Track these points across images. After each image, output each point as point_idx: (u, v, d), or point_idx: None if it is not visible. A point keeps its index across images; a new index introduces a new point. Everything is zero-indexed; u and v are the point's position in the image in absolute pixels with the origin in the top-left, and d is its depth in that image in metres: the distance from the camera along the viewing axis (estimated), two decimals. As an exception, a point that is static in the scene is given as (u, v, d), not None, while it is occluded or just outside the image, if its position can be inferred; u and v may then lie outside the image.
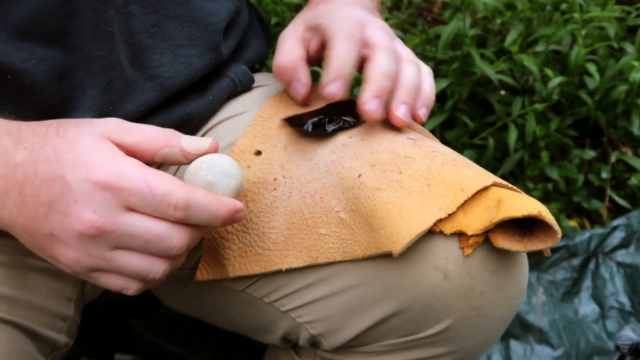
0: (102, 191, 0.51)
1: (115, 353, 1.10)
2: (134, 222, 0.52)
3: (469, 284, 0.59)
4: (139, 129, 0.57)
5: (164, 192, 0.52)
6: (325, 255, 0.61)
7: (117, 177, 0.52)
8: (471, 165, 0.62)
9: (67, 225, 0.52)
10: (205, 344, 1.20)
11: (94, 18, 0.63)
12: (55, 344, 0.69)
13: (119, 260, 0.53)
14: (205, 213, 0.54)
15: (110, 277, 0.55)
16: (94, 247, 0.52)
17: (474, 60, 1.31)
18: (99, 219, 0.51)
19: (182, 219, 0.53)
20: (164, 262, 0.55)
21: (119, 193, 0.52)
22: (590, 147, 1.50)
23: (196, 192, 0.53)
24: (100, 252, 0.53)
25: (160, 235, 0.53)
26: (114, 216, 0.52)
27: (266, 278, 0.66)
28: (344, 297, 0.63)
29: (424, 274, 0.59)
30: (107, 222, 0.51)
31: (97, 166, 0.52)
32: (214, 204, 0.54)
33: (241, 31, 0.79)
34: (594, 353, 1.20)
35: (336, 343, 0.66)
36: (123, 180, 0.52)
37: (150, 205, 0.52)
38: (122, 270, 0.54)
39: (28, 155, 0.53)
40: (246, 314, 0.71)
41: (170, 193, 0.52)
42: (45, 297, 0.67)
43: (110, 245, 0.53)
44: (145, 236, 0.52)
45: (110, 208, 0.51)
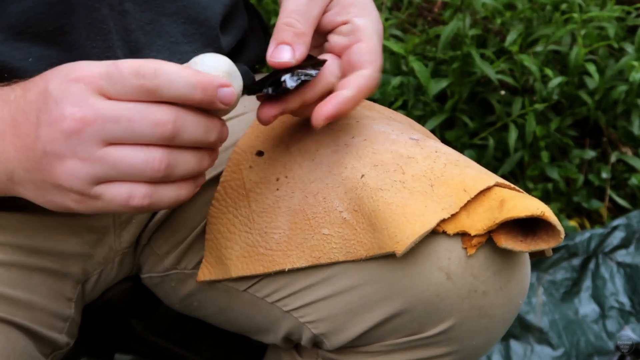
0: (76, 84, 0.51)
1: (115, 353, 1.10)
2: (112, 105, 0.51)
3: (472, 284, 0.59)
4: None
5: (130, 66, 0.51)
6: (328, 256, 0.61)
7: (88, 69, 0.51)
8: (473, 165, 0.62)
9: (54, 131, 0.51)
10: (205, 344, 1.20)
11: (88, 16, 0.63)
12: (55, 344, 0.69)
13: (112, 156, 0.51)
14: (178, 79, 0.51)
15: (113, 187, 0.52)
16: (83, 147, 0.51)
17: (474, 60, 1.31)
18: (79, 110, 0.50)
19: (152, 88, 0.50)
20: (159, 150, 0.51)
21: (91, 80, 0.51)
22: (590, 147, 1.50)
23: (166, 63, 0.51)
24: (92, 152, 0.51)
25: (142, 111, 0.50)
26: (92, 104, 0.50)
27: (268, 278, 0.66)
28: (347, 297, 0.62)
29: (427, 274, 0.59)
30: (87, 112, 0.50)
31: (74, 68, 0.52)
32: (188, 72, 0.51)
33: (241, 31, 0.78)
34: (594, 353, 1.20)
35: (339, 343, 0.66)
36: (93, 69, 0.51)
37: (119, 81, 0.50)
38: (120, 169, 0.51)
39: (20, 89, 0.54)
40: (248, 314, 0.70)
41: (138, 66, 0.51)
42: (46, 297, 0.67)
43: (99, 139, 0.51)
44: (126, 115, 0.50)
45: (87, 97, 0.50)
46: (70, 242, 0.70)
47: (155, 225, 0.74)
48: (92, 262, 0.72)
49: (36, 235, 0.67)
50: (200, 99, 0.52)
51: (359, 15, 0.63)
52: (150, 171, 0.52)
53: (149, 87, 0.50)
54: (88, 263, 0.72)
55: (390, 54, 1.40)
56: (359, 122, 0.67)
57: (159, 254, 0.75)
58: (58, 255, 0.69)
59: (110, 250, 0.73)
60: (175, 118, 0.51)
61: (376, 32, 0.63)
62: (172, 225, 0.74)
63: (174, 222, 0.74)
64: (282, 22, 0.61)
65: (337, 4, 0.64)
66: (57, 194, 0.53)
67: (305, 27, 0.61)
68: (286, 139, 0.68)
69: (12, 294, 0.63)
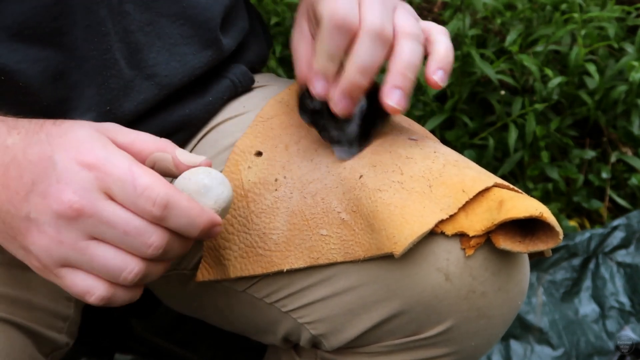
0: (87, 172, 0.51)
1: (115, 353, 1.10)
2: (114, 210, 0.51)
3: (471, 285, 0.59)
4: (135, 132, 0.56)
5: (146, 185, 0.51)
6: (327, 256, 0.61)
7: (104, 161, 0.51)
8: (472, 165, 0.62)
9: (45, 206, 0.51)
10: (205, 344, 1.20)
11: (86, 18, 0.63)
12: (55, 343, 0.69)
13: (93, 251, 0.51)
14: (184, 217, 0.52)
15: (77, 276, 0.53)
16: (69, 232, 0.51)
17: (474, 60, 1.31)
18: (79, 200, 0.50)
19: (160, 217, 0.51)
20: (139, 261, 0.52)
21: (102, 177, 0.51)
22: (590, 147, 1.50)
23: (179, 194, 0.53)
24: (75, 240, 0.51)
25: (139, 228, 0.51)
26: (95, 200, 0.50)
27: (267, 279, 0.66)
28: (345, 297, 0.63)
29: (425, 275, 0.59)
30: (86, 205, 0.50)
31: (87, 149, 0.52)
32: (195, 210, 0.53)
33: (242, 33, 0.78)
34: (594, 353, 1.20)
35: (337, 344, 0.66)
36: (109, 165, 0.51)
37: (130, 195, 0.51)
38: (94, 264, 0.52)
39: (20, 139, 0.53)
40: (247, 314, 0.70)
41: (152, 187, 0.51)
42: (46, 297, 0.67)
43: (87, 232, 0.51)
44: (123, 226, 0.51)
45: (91, 191, 0.50)
46: None
47: None
48: None
49: None
50: (196, 236, 0.54)
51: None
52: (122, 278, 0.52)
53: (156, 215, 0.51)
54: None
55: (390, 54, 1.40)
56: None
57: None
58: None
59: None
60: (167, 243, 0.52)
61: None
62: None
63: None
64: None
65: None
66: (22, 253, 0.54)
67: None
68: (285, 139, 0.68)
69: (12, 294, 0.63)
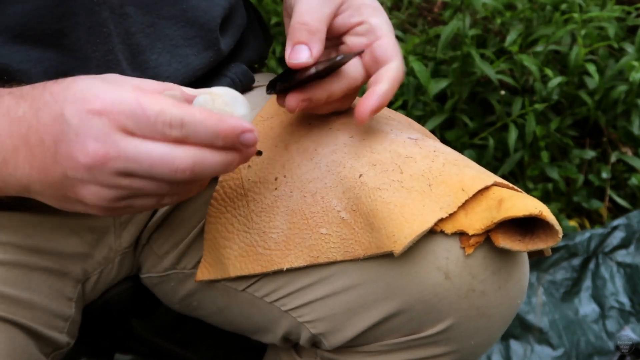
0: (99, 118, 0.51)
1: (115, 353, 1.10)
2: (136, 145, 0.51)
3: (470, 284, 0.59)
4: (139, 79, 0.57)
5: (157, 111, 0.51)
6: (326, 255, 0.61)
7: (112, 102, 0.51)
8: (472, 165, 0.62)
9: (75, 162, 0.51)
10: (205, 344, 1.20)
11: (88, 19, 0.63)
12: (56, 343, 0.69)
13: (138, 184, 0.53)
14: (202, 129, 0.52)
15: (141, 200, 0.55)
16: (107, 177, 0.52)
17: (474, 60, 1.31)
18: (102, 146, 0.51)
19: (181, 137, 0.51)
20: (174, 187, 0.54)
21: (115, 117, 0.51)
22: (590, 147, 1.50)
23: (192, 109, 0.52)
24: (116, 181, 0.52)
25: (163, 156, 0.51)
26: (116, 141, 0.51)
27: (267, 278, 0.66)
28: (345, 296, 0.63)
29: (425, 274, 0.59)
30: (110, 149, 0.51)
31: (93, 96, 0.52)
32: (212, 119, 0.52)
33: (240, 30, 0.78)
34: (594, 353, 1.20)
35: (337, 342, 0.66)
36: (117, 105, 0.51)
37: (145, 125, 0.51)
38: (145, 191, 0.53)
39: (29, 106, 0.54)
40: (247, 313, 0.70)
41: (163, 111, 0.51)
42: (47, 297, 0.67)
43: (120, 172, 0.52)
44: (147, 159, 0.51)
45: (110, 134, 0.51)
46: (70, 242, 0.70)
47: (155, 225, 0.74)
48: (92, 262, 0.73)
49: (37, 234, 0.67)
50: (222, 145, 0.53)
51: (372, 15, 0.65)
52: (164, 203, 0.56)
53: (176, 136, 0.51)
54: (88, 263, 0.72)
55: (390, 54, 1.40)
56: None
57: (158, 254, 0.75)
58: (58, 255, 0.69)
59: (111, 250, 0.74)
60: (194, 164, 0.52)
61: (391, 30, 0.65)
62: (171, 225, 0.74)
63: (173, 221, 0.74)
64: (296, 22, 0.62)
65: (349, 6, 0.65)
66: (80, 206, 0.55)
67: (319, 24, 0.62)
68: (285, 138, 0.68)
69: (13, 294, 0.63)
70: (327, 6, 0.63)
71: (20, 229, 0.66)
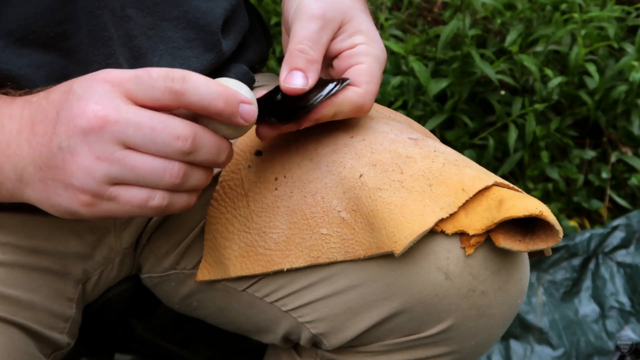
0: (103, 84, 0.51)
1: (115, 353, 1.10)
2: (137, 111, 0.51)
3: (471, 284, 0.59)
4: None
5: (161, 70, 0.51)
6: (327, 255, 0.61)
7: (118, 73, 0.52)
8: (472, 165, 0.62)
9: (72, 127, 0.51)
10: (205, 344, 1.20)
11: (89, 22, 0.63)
12: (56, 344, 0.69)
13: (131, 160, 0.51)
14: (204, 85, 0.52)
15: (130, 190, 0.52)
16: (102, 145, 0.50)
17: (474, 60, 1.31)
18: (102, 108, 0.50)
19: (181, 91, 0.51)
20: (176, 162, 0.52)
21: (119, 83, 0.51)
22: (590, 147, 1.50)
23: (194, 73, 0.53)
24: (111, 152, 0.51)
25: (164, 122, 0.51)
26: (117, 105, 0.51)
27: (267, 278, 0.66)
28: (346, 296, 0.63)
29: (425, 274, 0.59)
30: (110, 111, 0.50)
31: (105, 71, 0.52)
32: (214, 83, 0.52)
33: (241, 33, 0.78)
34: (594, 353, 1.20)
35: (337, 343, 0.66)
36: (122, 73, 0.52)
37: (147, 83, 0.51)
38: (138, 173, 0.52)
39: (45, 91, 0.55)
40: (247, 314, 0.71)
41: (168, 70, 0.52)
42: (48, 298, 0.67)
43: (118, 140, 0.51)
44: (149, 123, 0.51)
45: (112, 98, 0.51)
46: (70, 243, 0.70)
47: (155, 225, 0.75)
48: (92, 263, 0.73)
49: (37, 235, 0.67)
50: (222, 109, 0.53)
51: (363, 42, 0.65)
52: (168, 178, 0.52)
53: (177, 89, 0.51)
54: (88, 263, 0.72)
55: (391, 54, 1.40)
56: (358, 121, 0.67)
57: (158, 254, 0.75)
58: (58, 256, 0.69)
59: (111, 251, 0.74)
60: (194, 134, 0.52)
61: (377, 59, 0.64)
62: (171, 226, 0.74)
63: (173, 222, 0.74)
64: (294, 49, 0.62)
65: (344, 31, 0.65)
66: (65, 195, 0.53)
67: (317, 54, 0.62)
68: (285, 138, 0.68)
69: (14, 294, 0.63)
70: (325, 34, 0.63)
71: (21, 230, 0.66)
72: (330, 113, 0.61)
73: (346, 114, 0.62)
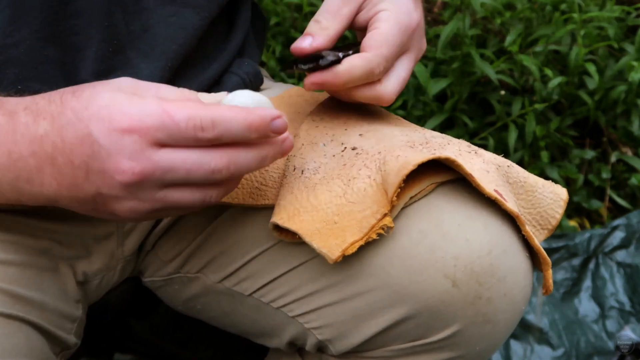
0: (130, 136, 0.51)
1: (115, 353, 1.10)
2: (169, 156, 0.52)
3: (477, 291, 0.59)
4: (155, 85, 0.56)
5: (186, 117, 0.51)
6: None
7: (139, 118, 0.51)
8: None
9: (110, 180, 0.52)
10: (204, 344, 1.20)
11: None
12: (65, 344, 0.68)
13: (172, 197, 0.53)
14: (234, 125, 0.52)
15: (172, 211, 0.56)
16: (142, 192, 0.52)
17: (474, 60, 1.30)
18: (137, 164, 0.51)
19: (215, 138, 0.52)
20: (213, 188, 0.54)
21: (146, 132, 0.51)
22: (590, 147, 1.50)
23: (220, 108, 0.53)
24: (153, 195, 0.53)
25: (197, 162, 0.52)
26: (150, 156, 0.51)
27: (274, 283, 0.66)
28: (353, 303, 0.63)
29: (433, 281, 0.59)
30: (146, 165, 0.51)
31: (119, 114, 0.51)
32: (242, 114, 0.53)
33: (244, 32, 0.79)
34: (594, 353, 1.20)
35: (343, 348, 0.66)
36: (145, 119, 0.51)
37: (177, 133, 0.51)
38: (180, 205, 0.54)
39: (49, 124, 0.53)
40: (253, 318, 0.70)
41: (192, 116, 0.51)
42: (57, 299, 0.67)
43: (157, 185, 0.52)
44: (183, 166, 0.52)
45: (143, 150, 0.51)
46: (74, 249, 0.70)
47: (161, 231, 0.74)
48: (94, 269, 0.72)
49: (43, 238, 0.67)
50: (256, 138, 0.54)
51: (385, 9, 0.67)
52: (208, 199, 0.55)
53: (209, 137, 0.52)
54: (90, 269, 0.72)
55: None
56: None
57: (164, 259, 0.75)
58: (63, 259, 0.69)
59: (113, 258, 0.73)
60: (229, 163, 0.53)
61: (397, 23, 0.67)
62: (178, 231, 0.74)
63: (179, 229, 0.73)
64: (313, 19, 0.67)
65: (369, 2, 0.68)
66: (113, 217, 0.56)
67: (331, 22, 0.66)
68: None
69: (27, 294, 0.63)
70: (347, 6, 0.67)
71: (28, 231, 0.66)
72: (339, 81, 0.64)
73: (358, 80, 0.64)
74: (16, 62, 0.62)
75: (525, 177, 0.64)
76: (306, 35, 0.66)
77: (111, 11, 0.65)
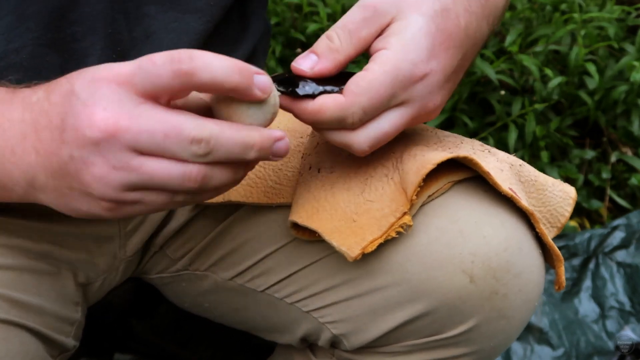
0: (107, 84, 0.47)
1: (115, 353, 1.10)
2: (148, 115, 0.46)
3: (494, 287, 0.59)
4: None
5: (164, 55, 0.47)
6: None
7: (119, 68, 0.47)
8: None
9: (81, 137, 0.46)
10: (204, 344, 1.20)
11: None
12: (64, 347, 0.68)
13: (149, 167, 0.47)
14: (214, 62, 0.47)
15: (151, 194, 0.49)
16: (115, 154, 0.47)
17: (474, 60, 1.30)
18: (111, 115, 0.46)
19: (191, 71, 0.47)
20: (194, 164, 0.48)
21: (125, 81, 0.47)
22: (590, 147, 1.50)
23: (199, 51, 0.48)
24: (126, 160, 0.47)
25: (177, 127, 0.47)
26: (127, 110, 0.46)
27: (289, 279, 0.66)
28: (370, 299, 0.63)
29: (450, 277, 0.59)
30: (120, 118, 0.46)
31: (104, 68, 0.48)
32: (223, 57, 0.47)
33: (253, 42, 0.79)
34: (594, 353, 1.20)
35: (358, 343, 0.66)
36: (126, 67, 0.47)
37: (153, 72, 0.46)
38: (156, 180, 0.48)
39: (43, 91, 0.50)
40: (265, 314, 0.70)
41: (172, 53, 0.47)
42: (55, 302, 0.66)
43: (131, 147, 0.47)
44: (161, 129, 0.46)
45: (121, 101, 0.46)
46: (75, 251, 0.69)
47: (170, 234, 0.73)
48: (96, 270, 0.72)
49: (43, 241, 0.67)
50: (237, 82, 0.48)
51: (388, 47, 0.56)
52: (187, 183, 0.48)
53: (185, 70, 0.46)
54: (92, 270, 0.72)
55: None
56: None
57: (173, 258, 0.75)
58: (64, 261, 0.69)
59: (115, 259, 0.73)
60: (209, 135, 0.47)
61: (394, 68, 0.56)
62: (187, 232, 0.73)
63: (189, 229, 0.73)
64: (326, 32, 0.57)
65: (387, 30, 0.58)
66: (85, 202, 0.50)
67: (345, 45, 0.56)
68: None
69: (24, 299, 0.62)
70: (366, 28, 0.57)
71: (27, 235, 0.66)
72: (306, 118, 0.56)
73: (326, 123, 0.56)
74: (18, 68, 0.61)
75: (536, 175, 0.64)
76: (311, 53, 0.57)
77: (113, 18, 0.64)
